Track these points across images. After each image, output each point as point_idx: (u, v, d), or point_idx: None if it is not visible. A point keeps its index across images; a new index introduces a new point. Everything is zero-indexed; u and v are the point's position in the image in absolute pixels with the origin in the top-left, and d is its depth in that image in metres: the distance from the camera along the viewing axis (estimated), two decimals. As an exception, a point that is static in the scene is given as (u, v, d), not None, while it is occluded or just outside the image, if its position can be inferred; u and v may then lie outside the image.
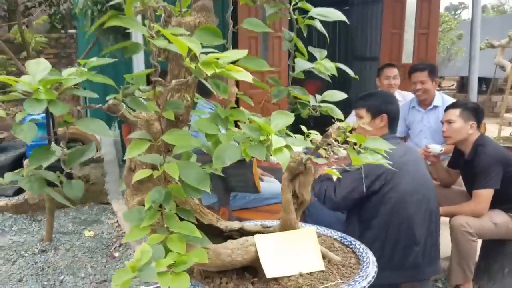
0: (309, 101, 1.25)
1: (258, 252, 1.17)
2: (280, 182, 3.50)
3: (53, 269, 3.29)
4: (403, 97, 3.96)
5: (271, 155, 0.83)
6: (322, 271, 1.22)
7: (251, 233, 1.26)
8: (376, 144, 1.10)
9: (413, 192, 2.04)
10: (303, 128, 1.15)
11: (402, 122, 3.57)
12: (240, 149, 0.83)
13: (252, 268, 1.21)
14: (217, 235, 1.23)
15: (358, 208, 2.14)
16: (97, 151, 4.54)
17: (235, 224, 1.23)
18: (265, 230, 1.30)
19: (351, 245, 1.38)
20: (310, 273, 1.20)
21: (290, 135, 1.03)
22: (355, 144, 1.12)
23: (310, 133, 1.18)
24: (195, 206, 1.17)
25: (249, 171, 2.83)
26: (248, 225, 1.28)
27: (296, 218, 1.28)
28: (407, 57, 5.78)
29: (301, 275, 1.19)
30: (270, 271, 1.15)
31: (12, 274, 3.21)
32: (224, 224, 1.22)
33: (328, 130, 1.16)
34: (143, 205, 0.86)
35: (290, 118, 1.00)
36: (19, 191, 4.44)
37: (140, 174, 0.88)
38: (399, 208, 2.00)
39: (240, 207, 3.07)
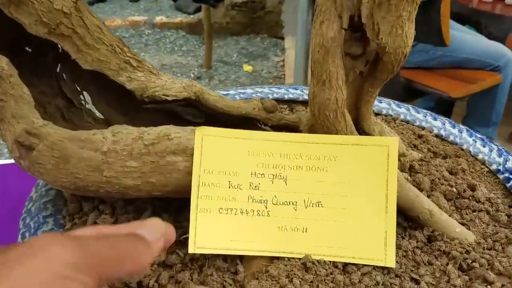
0: None
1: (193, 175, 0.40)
2: (493, 37, 2.24)
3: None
4: None
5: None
6: (382, 270, 0.40)
7: (231, 119, 0.47)
8: None
9: None
10: None
11: None
12: None
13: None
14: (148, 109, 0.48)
15: None
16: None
17: (175, 87, 0.45)
18: (259, 116, 0.48)
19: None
20: (341, 266, 0.40)
21: None
22: None
23: None
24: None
25: (434, 9, 1.77)
26: (218, 95, 0.48)
27: (345, 103, 0.41)
28: None
29: (307, 267, 0.39)
30: (201, 238, 0.39)
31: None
32: (141, 82, 0.45)
33: None
34: None
35: None
36: (199, 9, 4.16)
37: None
38: None
39: (416, 64, 2.08)
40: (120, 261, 0.25)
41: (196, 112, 0.49)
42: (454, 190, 0.49)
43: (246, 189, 0.40)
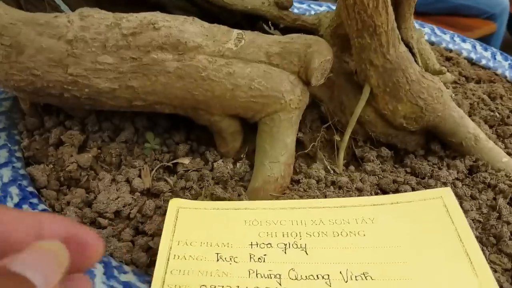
0: None
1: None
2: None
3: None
4: None
5: None
6: None
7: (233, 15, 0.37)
8: None
9: None
10: None
11: None
12: None
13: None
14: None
15: None
16: None
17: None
18: (269, 14, 0.38)
19: None
20: None
21: None
22: None
23: None
24: None
25: None
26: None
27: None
28: None
29: None
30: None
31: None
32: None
33: None
34: None
35: None
36: None
37: None
38: None
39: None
40: None
41: (189, 6, 0.39)
42: (497, 115, 0.41)
43: (244, 261, 0.27)
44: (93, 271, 0.27)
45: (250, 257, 0.28)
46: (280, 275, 0.26)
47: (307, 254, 0.28)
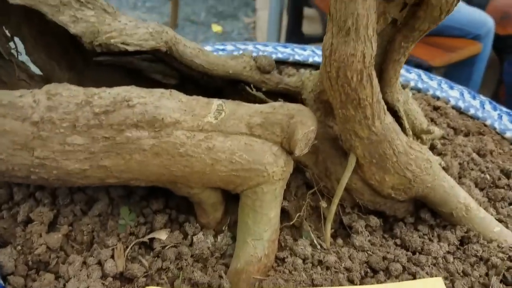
0: None
1: None
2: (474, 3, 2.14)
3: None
4: None
5: None
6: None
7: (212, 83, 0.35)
8: None
9: None
10: None
11: None
12: None
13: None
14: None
15: None
16: None
17: (138, 33, 0.33)
18: (251, 78, 0.37)
19: None
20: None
21: None
22: None
23: None
24: None
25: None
26: (197, 47, 0.36)
27: (373, 61, 0.31)
28: None
29: None
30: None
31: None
32: (91, 24, 0.33)
33: None
34: None
35: None
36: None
37: None
38: None
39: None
40: None
41: (168, 70, 0.37)
42: (488, 177, 0.40)
43: None
44: None
45: None
46: None
47: None
